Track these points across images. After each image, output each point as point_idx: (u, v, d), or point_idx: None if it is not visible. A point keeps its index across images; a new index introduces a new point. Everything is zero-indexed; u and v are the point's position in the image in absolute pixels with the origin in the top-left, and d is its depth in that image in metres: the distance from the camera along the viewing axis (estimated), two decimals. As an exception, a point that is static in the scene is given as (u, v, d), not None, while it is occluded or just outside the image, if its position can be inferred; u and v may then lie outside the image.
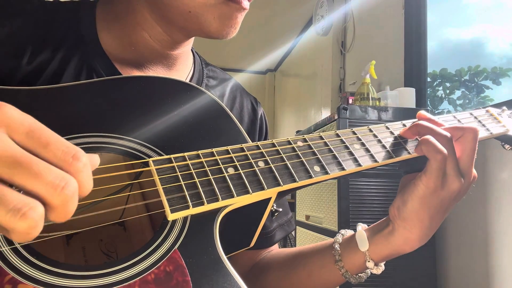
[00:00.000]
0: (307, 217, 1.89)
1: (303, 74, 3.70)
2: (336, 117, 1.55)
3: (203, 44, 0.59)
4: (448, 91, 2.17)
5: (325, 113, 2.88)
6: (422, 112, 0.50)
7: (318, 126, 1.78)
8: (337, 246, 0.51)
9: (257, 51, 4.14)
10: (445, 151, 0.44)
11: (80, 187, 0.27)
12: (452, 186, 0.45)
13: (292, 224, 0.66)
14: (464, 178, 0.46)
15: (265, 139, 0.67)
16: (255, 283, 0.59)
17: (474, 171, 0.47)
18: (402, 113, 1.58)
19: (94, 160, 0.29)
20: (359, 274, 0.51)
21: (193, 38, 0.57)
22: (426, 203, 0.45)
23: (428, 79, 2.04)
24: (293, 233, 2.33)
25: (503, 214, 1.29)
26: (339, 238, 0.53)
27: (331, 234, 1.53)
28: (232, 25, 0.49)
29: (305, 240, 1.96)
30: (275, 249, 0.64)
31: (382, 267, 0.50)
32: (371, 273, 0.51)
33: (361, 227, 0.52)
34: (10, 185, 0.24)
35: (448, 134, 0.46)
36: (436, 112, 2.12)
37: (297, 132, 2.37)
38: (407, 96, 1.75)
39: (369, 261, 0.48)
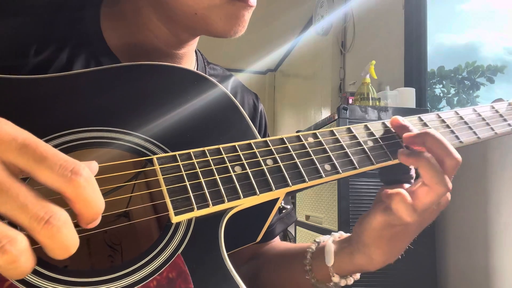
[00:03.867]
0: (307, 217, 1.88)
1: (303, 74, 3.69)
2: (336, 117, 1.54)
3: (203, 44, 0.59)
4: (445, 90, 2.17)
5: (325, 113, 2.87)
6: (397, 117, 0.44)
7: (318, 126, 1.76)
8: (309, 256, 0.50)
9: (257, 51, 4.13)
10: (450, 185, 0.38)
11: (86, 205, 0.24)
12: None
13: (292, 216, 0.65)
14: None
15: (264, 134, 0.67)
16: (256, 281, 0.58)
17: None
18: (402, 113, 1.55)
19: (93, 168, 0.27)
20: (333, 283, 0.48)
21: (198, 37, 0.56)
22: (385, 235, 0.42)
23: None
24: (293, 233, 2.32)
25: (503, 214, 1.28)
26: (313, 247, 0.51)
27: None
28: (240, 24, 0.48)
29: (305, 240, 1.95)
30: (273, 242, 0.63)
31: (351, 279, 0.48)
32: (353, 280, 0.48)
33: (332, 239, 0.49)
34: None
35: (460, 158, 0.39)
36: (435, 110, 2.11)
37: (297, 132, 2.35)
38: (407, 96, 1.74)
39: (333, 276, 0.47)
